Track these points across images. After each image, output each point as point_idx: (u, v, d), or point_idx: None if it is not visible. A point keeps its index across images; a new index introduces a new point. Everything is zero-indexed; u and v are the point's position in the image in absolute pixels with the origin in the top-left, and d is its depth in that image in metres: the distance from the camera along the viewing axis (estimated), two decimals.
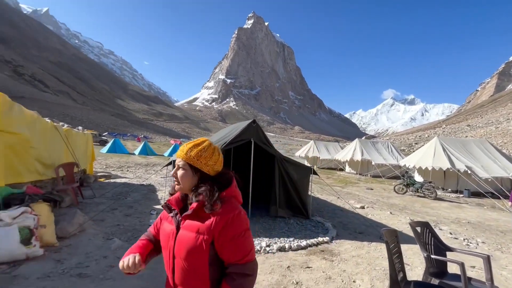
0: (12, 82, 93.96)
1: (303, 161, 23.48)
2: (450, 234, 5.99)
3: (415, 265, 4.02)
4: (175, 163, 1.17)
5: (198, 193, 1.09)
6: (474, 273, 3.87)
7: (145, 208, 6.24)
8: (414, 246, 4.63)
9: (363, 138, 46.99)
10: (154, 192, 8.32)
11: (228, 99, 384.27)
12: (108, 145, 23.96)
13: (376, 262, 4.03)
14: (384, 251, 3.98)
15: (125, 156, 21.13)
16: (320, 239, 4.80)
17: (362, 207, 8.16)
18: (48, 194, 4.70)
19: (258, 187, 7.10)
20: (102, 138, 34.16)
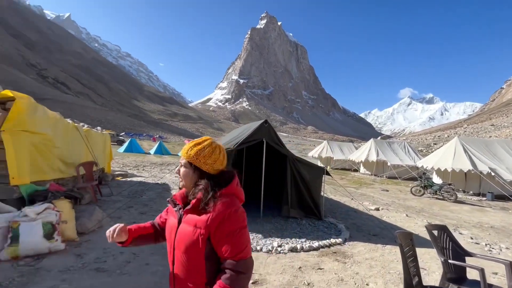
0: (37, 84, 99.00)
1: (316, 161, 23.20)
2: (471, 238, 5.74)
3: (433, 269, 3.89)
4: (179, 161, 1.24)
5: (197, 190, 1.15)
6: (496, 279, 3.69)
7: (159, 206, 6.39)
8: (431, 250, 4.47)
9: (379, 138, 45.79)
10: (168, 190, 8.51)
11: (241, 99, 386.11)
12: (125, 144, 24.75)
13: (390, 266, 3.93)
14: (399, 255, 3.86)
15: (141, 155, 21.73)
16: (332, 241, 4.73)
17: (377, 209, 7.97)
18: (69, 191, 4.93)
19: (270, 187, 7.11)
20: (120, 138, 35.28)
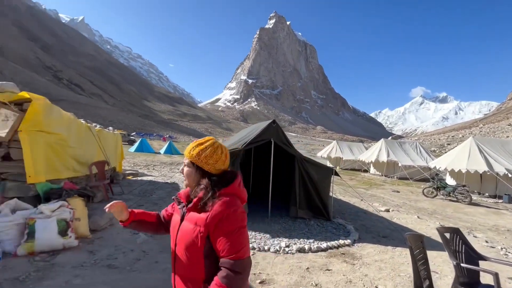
0: (52, 86, 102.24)
1: (325, 161, 22.98)
2: (486, 242, 5.56)
3: (445, 273, 3.79)
4: (183, 161, 1.28)
5: (199, 189, 1.18)
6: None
7: (169, 205, 6.48)
8: (444, 253, 4.36)
9: (389, 138, 44.89)
10: (178, 190, 8.62)
11: (249, 99, 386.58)
12: (135, 144, 25.25)
13: (400, 268, 3.85)
14: (409, 257, 3.80)
15: (151, 155, 22.10)
16: (341, 242, 4.68)
17: (387, 210, 7.82)
18: (82, 189, 5.08)
19: (278, 187, 7.09)
20: (131, 137, 36.05)
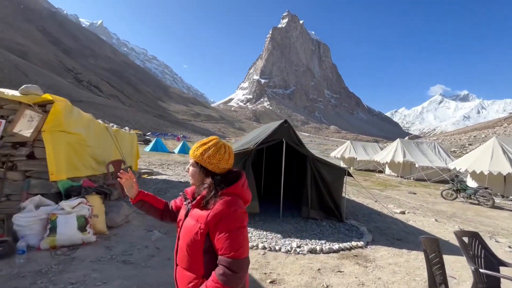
0: (73, 88, 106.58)
1: (339, 162, 22.62)
2: (509, 247, 5.29)
3: (463, 279, 3.65)
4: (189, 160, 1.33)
5: (202, 188, 1.22)
6: None
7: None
8: (463, 258, 4.17)
9: (406, 138, 43.52)
10: None
11: (262, 99, 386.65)
12: (151, 144, 25.91)
13: (416, 272, 3.74)
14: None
15: (166, 154, 22.61)
16: (353, 243, 4.61)
17: (403, 212, 7.60)
18: (100, 187, 5.28)
19: (290, 187, 7.06)
20: (146, 137, 36.96)
